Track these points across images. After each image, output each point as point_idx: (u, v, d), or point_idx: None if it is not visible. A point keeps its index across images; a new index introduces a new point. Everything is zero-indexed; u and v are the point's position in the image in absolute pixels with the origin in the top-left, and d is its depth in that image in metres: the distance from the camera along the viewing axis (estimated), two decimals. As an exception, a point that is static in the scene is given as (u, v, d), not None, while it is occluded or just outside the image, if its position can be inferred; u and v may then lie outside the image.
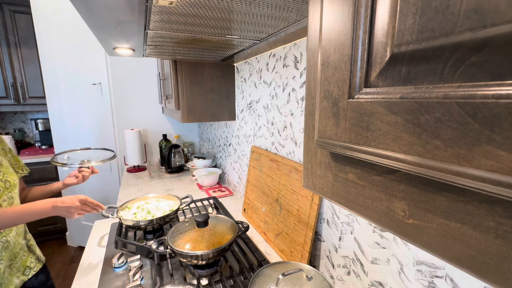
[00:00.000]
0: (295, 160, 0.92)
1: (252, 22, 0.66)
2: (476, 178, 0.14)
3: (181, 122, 1.75)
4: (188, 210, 1.27)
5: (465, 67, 0.15)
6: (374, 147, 0.21)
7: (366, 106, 0.22)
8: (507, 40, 0.13)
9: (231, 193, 1.54)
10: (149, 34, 0.75)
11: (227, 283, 0.74)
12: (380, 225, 0.24)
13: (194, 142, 2.39)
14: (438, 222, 0.19)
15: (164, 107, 2.06)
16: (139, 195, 1.49)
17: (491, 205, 0.16)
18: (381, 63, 0.21)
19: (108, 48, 0.91)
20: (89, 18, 0.61)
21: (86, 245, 1.00)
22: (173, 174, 1.92)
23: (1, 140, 0.96)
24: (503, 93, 0.13)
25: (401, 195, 0.21)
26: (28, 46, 2.47)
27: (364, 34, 0.22)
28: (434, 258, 0.50)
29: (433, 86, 0.17)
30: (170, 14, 0.60)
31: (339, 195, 0.29)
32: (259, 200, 1.11)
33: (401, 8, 0.19)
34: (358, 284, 0.69)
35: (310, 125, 0.32)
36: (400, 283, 0.57)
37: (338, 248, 0.76)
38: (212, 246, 0.75)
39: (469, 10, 0.15)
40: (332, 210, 0.77)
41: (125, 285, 0.75)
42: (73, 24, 1.89)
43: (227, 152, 1.64)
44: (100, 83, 2.03)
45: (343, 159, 0.28)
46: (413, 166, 0.18)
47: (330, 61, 0.26)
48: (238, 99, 1.38)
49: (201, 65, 1.29)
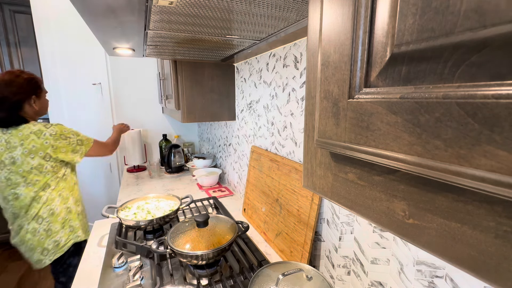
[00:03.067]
0: (295, 160, 0.92)
1: (252, 22, 0.66)
2: (476, 178, 0.14)
3: (181, 122, 1.75)
4: (188, 210, 1.27)
5: (465, 67, 0.15)
6: (374, 147, 0.21)
7: (366, 106, 0.22)
8: (507, 40, 0.13)
9: (231, 193, 1.54)
10: (149, 34, 0.75)
11: (227, 283, 0.74)
12: (380, 225, 0.24)
13: (194, 142, 2.39)
14: (438, 222, 0.19)
15: (164, 107, 2.06)
16: (139, 195, 1.49)
17: (491, 205, 0.16)
18: (381, 63, 0.21)
19: (108, 48, 0.91)
20: (89, 18, 0.61)
21: (86, 245, 1.00)
22: (173, 174, 1.92)
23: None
24: (503, 93, 0.13)
25: (401, 195, 0.21)
26: (28, 46, 2.47)
27: (364, 34, 0.22)
28: (434, 258, 0.50)
29: (433, 86, 0.17)
30: (170, 14, 0.60)
31: (339, 195, 0.29)
32: (259, 200, 1.11)
33: (401, 8, 0.19)
34: (358, 284, 0.69)
35: (310, 125, 0.32)
36: (400, 283, 0.57)
37: (338, 248, 0.76)
38: (212, 246, 0.75)
39: (469, 10, 0.15)
40: (332, 210, 0.77)
41: (125, 285, 0.75)
42: (73, 24, 1.89)
43: (227, 152, 1.64)
44: (100, 83, 2.03)
45: (343, 159, 0.28)
46: (413, 166, 0.18)
47: (330, 61, 0.26)
48: (238, 99, 1.38)
49: (201, 65, 1.29)
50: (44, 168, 1.07)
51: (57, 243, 1.11)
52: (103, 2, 0.51)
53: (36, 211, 1.07)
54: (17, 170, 1.04)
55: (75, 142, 1.15)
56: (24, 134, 1.05)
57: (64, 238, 1.13)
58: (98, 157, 1.49)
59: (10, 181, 1.04)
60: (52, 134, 1.08)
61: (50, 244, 1.10)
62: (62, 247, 1.12)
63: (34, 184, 1.06)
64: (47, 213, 1.09)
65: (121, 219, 0.98)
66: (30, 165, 1.05)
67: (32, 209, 1.07)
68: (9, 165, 1.04)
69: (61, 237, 1.12)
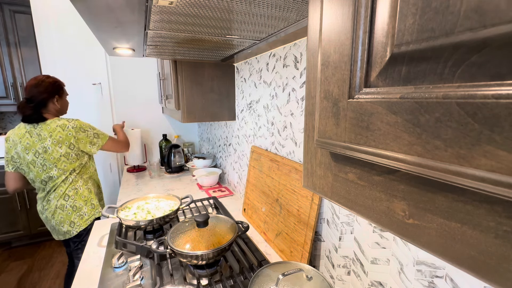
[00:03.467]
0: (295, 160, 0.92)
1: (252, 22, 0.66)
2: (476, 178, 0.14)
3: (181, 122, 1.75)
4: (188, 210, 1.27)
5: (465, 67, 0.15)
6: (374, 147, 0.21)
7: (366, 106, 0.22)
8: (507, 40, 0.13)
9: (231, 193, 1.54)
10: (149, 34, 0.75)
11: (227, 283, 0.75)
12: (380, 225, 0.24)
13: (194, 142, 2.39)
14: (438, 222, 0.19)
15: (164, 107, 2.06)
16: (139, 195, 1.49)
17: (491, 205, 0.16)
18: (381, 63, 0.21)
19: (108, 48, 0.91)
20: (89, 18, 0.61)
21: (86, 245, 1.00)
22: (173, 174, 1.92)
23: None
24: (503, 93, 0.13)
25: (401, 195, 0.21)
26: (28, 46, 2.47)
27: (364, 34, 0.22)
28: (434, 258, 0.50)
29: (433, 86, 0.17)
30: (170, 14, 0.60)
31: (339, 195, 0.29)
32: (259, 200, 1.11)
33: (401, 8, 0.19)
34: (358, 284, 0.69)
35: (310, 125, 0.32)
36: (400, 283, 0.57)
37: (338, 248, 0.76)
38: (212, 246, 0.75)
39: (469, 10, 0.15)
40: (332, 210, 0.77)
41: (125, 285, 0.75)
42: (73, 24, 1.89)
43: (227, 152, 1.64)
44: (100, 83, 2.03)
45: (343, 159, 0.28)
46: (413, 166, 0.18)
47: (330, 61, 0.26)
48: (238, 99, 1.38)
49: (201, 65, 1.29)
50: (70, 156, 1.29)
51: (82, 217, 1.34)
52: (103, 2, 0.51)
53: (64, 190, 1.31)
54: (49, 158, 1.26)
55: (92, 135, 1.35)
56: (52, 128, 1.26)
57: (87, 213, 1.36)
58: (111, 152, 1.79)
59: (45, 166, 1.27)
60: (73, 127, 1.29)
61: (76, 218, 1.33)
62: (86, 220, 1.35)
63: (63, 169, 1.29)
64: (72, 192, 1.32)
65: (121, 219, 0.98)
66: (59, 153, 1.27)
67: (60, 188, 1.30)
68: (42, 153, 1.25)
69: (84, 212, 1.35)
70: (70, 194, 1.31)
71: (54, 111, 1.32)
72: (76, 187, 1.33)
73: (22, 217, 2.38)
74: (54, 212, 1.31)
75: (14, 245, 2.51)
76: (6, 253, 2.41)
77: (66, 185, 1.30)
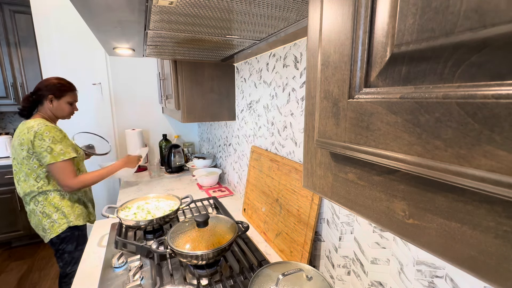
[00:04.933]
0: (295, 160, 0.92)
1: (252, 22, 0.66)
2: (476, 178, 0.14)
3: (181, 122, 1.75)
4: (188, 210, 1.27)
5: (465, 67, 0.15)
6: (374, 147, 0.21)
7: (366, 106, 0.22)
8: (507, 40, 0.13)
9: (231, 193, 1.54)
10: (149, 34, 0.75)
11: (227, 283, 0.75)
12: (380, 225, 0.24)
13: (194, 142, 2.39)
14: (438, 222, 0.19)
15: (164, 107, 2.06)
16: (139, 195, 1.49)
17: (491, 205, 0.16)
18: (381, 63, 0.21)
19: (108, 48, 0.91)
20: (89, 18, 0.61)
21: (86, 245, 1.00)
22: (173, 174, 1.92)
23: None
24: (503, 93, 0.13)
25: (401, 195, 0.21)
26: (28, 46, 2.46)
27: (364, 34, 0.22)
28: (434, 258, 0.50)
29: (433, 86, 0.17)
30: (170, 14, 0.60)
31: (339, 195, 0.29)
32: (259, 200, 1.11)
33: (401, 8, 0.19)
34: (358, 284, 0.69)
35: (310, 125, 0.32)
36: (400, 283, 0.57)
37: (338, 248, 0.76)
38: (212, 246, 0.75)
39: (469, 10, 0.15)
40: (332, 210, 0.77)
41: (125, 285, 0.75)
42: (73, 24, 1.89)
43: (227, 152, 1.64)
44: (100, 83, 2.03)
45: (343, 159, 0.28)
46: (413, 166, 0.18)
47: (330, 61, 0.26)
48: (238, 99, 1.38)
49: (201, 65, 1.29)
50: (31, 160, 1.19)
51: (52, 224, 1.25)
52: (103, 1, 0.51)
53: (35, 194, 1.23)
54: (18, 158, 1.20)
55: (45, 147, 1.16)
56: (24, 127, 1.19)
57: (57, 221, 1.26)
58: (75, 169, 1.27)
59: (17, 166, 1.22)
60: (35, 131, 1.16)
61: (47, 224, 1.24)
62: (56, 228, 1.25)
63: (27, 173, 1.21)
64: (41, 197, 1.24)
65: (121, 219, 0.98)
66: (22, 155, 1.19)
67: (32, 193, 1.23)
68: (14, 152, 1.22)
69: (54, 220, 1.25)
70: (40, 200, 1.23)
71: (48, 111, 1.27)
72: (46, 193, 1.24)
73: (22, 217, 2.38)
74: (29, 215, 1.27)
75: (14, 245, 2.51)
76: (6, 253, 2.41)
77: (35, 190, 1.22)
